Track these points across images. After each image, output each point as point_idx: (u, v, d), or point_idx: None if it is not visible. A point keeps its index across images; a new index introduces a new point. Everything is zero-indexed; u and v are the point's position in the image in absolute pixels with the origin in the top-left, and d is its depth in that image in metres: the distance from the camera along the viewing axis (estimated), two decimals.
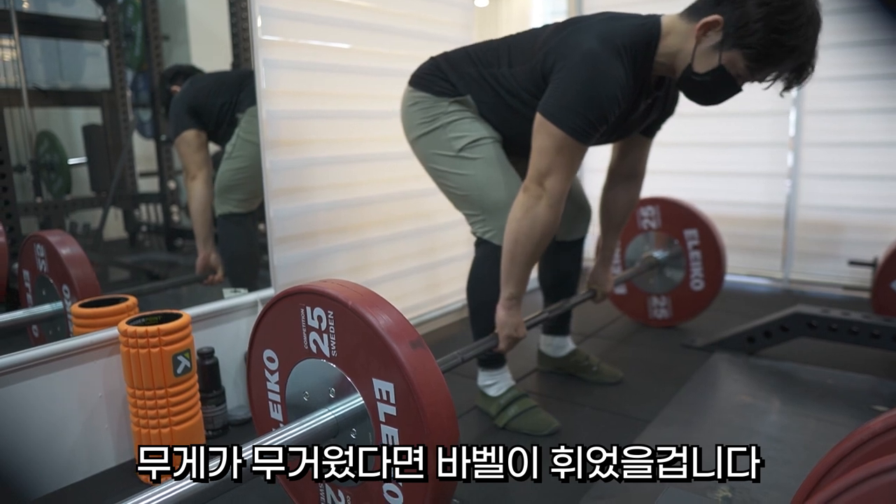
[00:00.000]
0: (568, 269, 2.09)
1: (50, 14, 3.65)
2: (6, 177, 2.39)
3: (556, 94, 1.53)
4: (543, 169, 1.56)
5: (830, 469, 0.85)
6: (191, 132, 2.56)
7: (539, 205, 1.57)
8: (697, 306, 2.66)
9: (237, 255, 2.65)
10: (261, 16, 1.95)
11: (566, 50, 1.53)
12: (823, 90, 3.09)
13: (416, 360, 1.10)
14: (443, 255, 2.79)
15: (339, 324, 1.18)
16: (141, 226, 3.87)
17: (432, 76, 1.81)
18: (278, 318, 1.30)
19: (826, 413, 1.91)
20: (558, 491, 1.54)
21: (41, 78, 3.65)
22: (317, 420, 1.19)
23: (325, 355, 1.22)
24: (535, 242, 1.61)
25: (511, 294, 1.69)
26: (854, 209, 3.13)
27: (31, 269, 2.09)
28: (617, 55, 1.49)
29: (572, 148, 1.53)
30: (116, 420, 1.70)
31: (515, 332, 1.72)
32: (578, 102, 1.49)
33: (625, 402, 2.02)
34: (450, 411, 1.12)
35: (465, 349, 1.64)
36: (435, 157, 1.81)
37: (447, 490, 1.14)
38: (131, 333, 1.55)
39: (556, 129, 1.52)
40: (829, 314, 2.17)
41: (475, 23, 2.84)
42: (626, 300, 2.80)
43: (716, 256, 2.58)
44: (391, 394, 1.12)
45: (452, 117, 1.77)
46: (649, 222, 2.68)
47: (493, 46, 1.77)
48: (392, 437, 1.15)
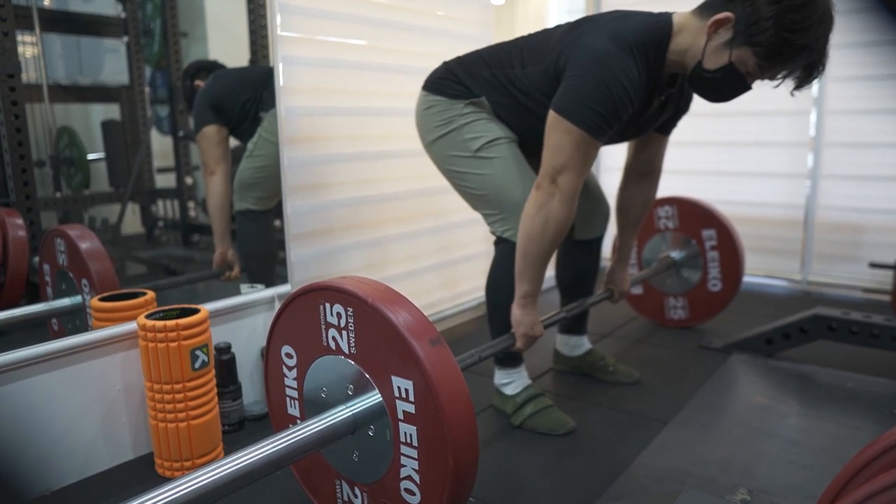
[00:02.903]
0: (585, 269, 2.08)
1: (70, 11, 3.69)
2: (27, 171, 2.41)
3: (570, 92, 1.53)
4: (557, 165, 1.56)
5: (856, 474, 0.84)
6: (212, 127, 2.57)
7: (552, 202, 1.57)
8: (715, 307, 2.64)
9: (254, 251, 2.66)
10: (280, 12, 1.96)
11: (579, 49, 1.54)
12: (845, 90, 3.05)
13: (436, 357, 1.10)
14: (460, 253, 2.79)
15: (359, 321, 1.18)
16: (158, 221, 3.90)
17: (446, 80, 1.82)
18: (297, 314, 1.30)
19: (846, 417, 1.88)
20: (575, 489, 1.53)
21: (61, 74, 3.70)
22: (334, 417, 1.19)
23: (344, 352, 1.22)
24: (548, 240, 1.60)
25: (526, 292, 1.69)
26: (875, 211, 3.09)
27: (52, 263, 2.11)
28: (629, 53, 1.49)
29: (586, 144, 1.54)
30: (134, 413, 1.71)
31: (532, 330, 1.72)
32: (592, 99, 1.50)
33: (641, 403, 2.00)
34: (468, 410, 1.12)
35: (482, 347, 1.64)
36: (452, 159, 1.81)
37: (466, 488, 1.14)
38: (150, 328, 1.56)
39: (570, 125, 1.52)
40: (849, 316, 2.14)
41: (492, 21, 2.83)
42: (643, 300, 2.78)
43: (734, 257, 2.56)
44: (410, 391, 1.12)
45: (468, 119, 1.77)
46: (666, 222, 2.66)
47: (506, 49, 1.78)
48: (410, 436, 1.14)
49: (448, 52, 1.95)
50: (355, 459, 1.25)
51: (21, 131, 2.37)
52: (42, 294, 2.21)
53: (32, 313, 2.09)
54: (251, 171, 2.54)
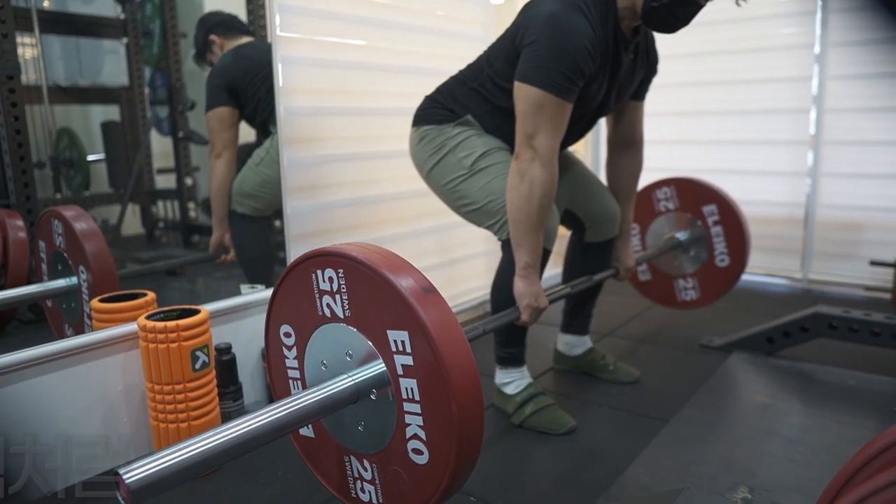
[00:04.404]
0: (595, 271, 2.07)
1: (70, 12, 3.69)
2: (27, 173, 2.41)
3: (528, 59, 1.59)
4: (529, 130, 1.59)
5: (857, 472, 0.84)
6: (225, 109, 2.50)
7: (533, 166, 1.60)
8: (726, 284, 2.56)
9: (250, 252, 2.64)
10: (279, 13, 1.96)
11: (531, 20, 1.60)
12: (844, 88, 3.05)
13: (428, 304, 1.08)
14: (460, 253, 2.79)
15: (350, 281, 1.17)
16: (158, 222, 3.89)
17: (431, 109, 1.87)
18: (291, 289, 1.29)
19: (847, 415, 1.88)
20: (576, 489, 1.53)
21: (61, 75, 3.69)
22: (336, 385, 1.17)
23: (340, 317, 1.21)
24: (535, 203, 1.62)
25: (525, 263, 1.68)
26: (875, 209, 3.08)
27: (48, 244, 2.10)
28: (578, 10, 1.55)
29: (552, 104, 1.57)
30: (135, 414, 1.71)
31: (536, 301, 1.70)
32: (548, 59, 1.55)
33: (642, 402, 2.00)
34: (467, 353, 1.09)
35: (486, 320, 1.61)
36: (450, 183, 1.83)
37: (473, 439, 1.11)
38: (150, 329, 1.56)
39: (532, 88, 1.56)
40: (850, 315, 2.14)
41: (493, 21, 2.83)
42: (652, 286, 2.71)
43: (738, 229, 2.50)
44: (406, 343, 1.10)
45: (459, 139, 1.80)
46: (666, 203, 2.62)
47: (475, 61, 1.85)
48: (411, 390, 1.12)
49: (448, 52, 1.95)
50: (361, 430, 1.24)
51: (21, 133, 2.37)
52: (37, 274, 2.19)
53: (28, 294, 2.08)
54: (254, 183, 2.51)
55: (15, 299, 2.08)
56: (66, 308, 2.08)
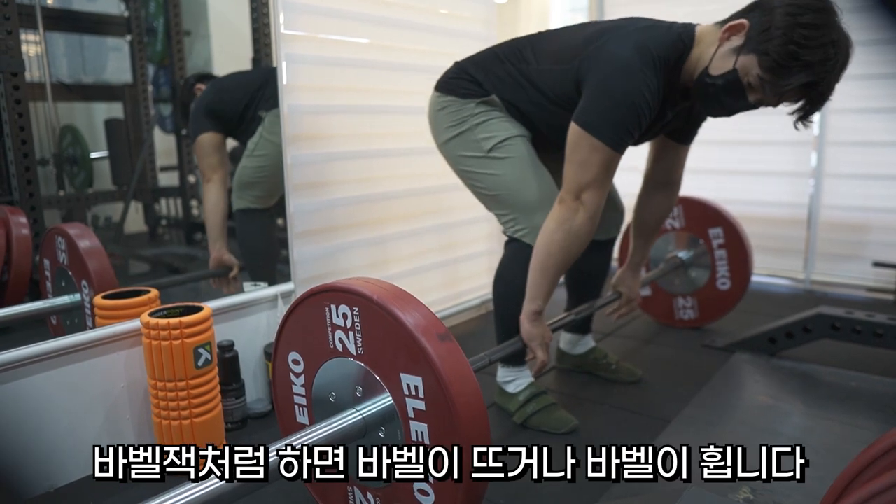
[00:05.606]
0: (596, 270, 2.07)
1: (74, 9, 3.70)
2: (31, 170, 2.42)
3: (594, 105, 1.53)
4: (583, 182, 1.55)
5: (859, 473, 0.84)
6: (207, 135, 2.57)
7: (576, 217, 1.57)
8: (724, 306, 2.61)
9: (254, 249, 2.66)
10: (283, 10, 1.96)
11: (602, 60, 1.53)
12: (848, 89, 3.00)
13: (445, 352, 1.09)
14: (462, 252, 2.79)
15: (365, 320, 1.17)
16: (161, 219, 3.90)
17: (458, 79, 1.81)
18: (303, 318, 1.29)
19: (850, 416, 1.88)
20: (580, 488, 1.53)
21: (65, 73, 3.70)
22: (344, 420, 1.18)
23: (352, 353, 1.21)
24: (570, 255, 1.60)
25: (538, 307, 1.68)
26: (879, 210, 3.08)
27: (52, 261, 2.12)
28: (652, 66, 1.49)
29: (610, 158, 1.54)
30: (138, 411, 1.71)
31: (544, 339, 1.72)
32: (617, 113, 1.49)
33: (644, 402, 2.00)
34: (479, 404, 1.10)
35: (492, 351, 1.64)
36: (464, 160, 1.81)
37: (480, 486, 1.13)
38: (153, 325, 1.56)
39: (597, 142, 1.51)
40: (853, 316, 2.14)
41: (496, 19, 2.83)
42: (651, 302, 2.76)
43: (742, 255, 2.53)
44: (420, 388, 1.11)
45: (480, 118, 1.76)
46: (672, 222, 2.65)
47: (519, 45, 1.77)
48: (422, 434, 1.13)
49: (451, 50, 1.95)
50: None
51: (25, 130, 2.38)
52: (42, 291, 2.21)
53: (33, 310, 2.10)
54: (251, 170, 2.54)
55: (20, 315, 2.08)
56: (70, 325, 2.10)
